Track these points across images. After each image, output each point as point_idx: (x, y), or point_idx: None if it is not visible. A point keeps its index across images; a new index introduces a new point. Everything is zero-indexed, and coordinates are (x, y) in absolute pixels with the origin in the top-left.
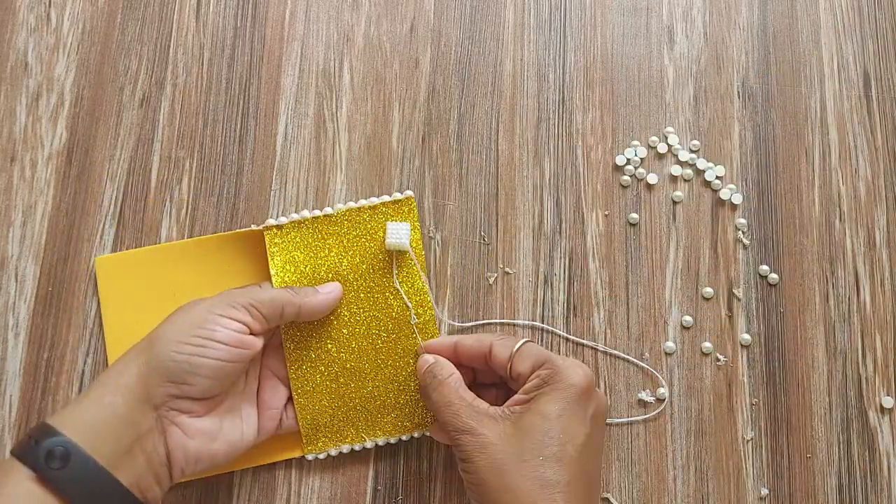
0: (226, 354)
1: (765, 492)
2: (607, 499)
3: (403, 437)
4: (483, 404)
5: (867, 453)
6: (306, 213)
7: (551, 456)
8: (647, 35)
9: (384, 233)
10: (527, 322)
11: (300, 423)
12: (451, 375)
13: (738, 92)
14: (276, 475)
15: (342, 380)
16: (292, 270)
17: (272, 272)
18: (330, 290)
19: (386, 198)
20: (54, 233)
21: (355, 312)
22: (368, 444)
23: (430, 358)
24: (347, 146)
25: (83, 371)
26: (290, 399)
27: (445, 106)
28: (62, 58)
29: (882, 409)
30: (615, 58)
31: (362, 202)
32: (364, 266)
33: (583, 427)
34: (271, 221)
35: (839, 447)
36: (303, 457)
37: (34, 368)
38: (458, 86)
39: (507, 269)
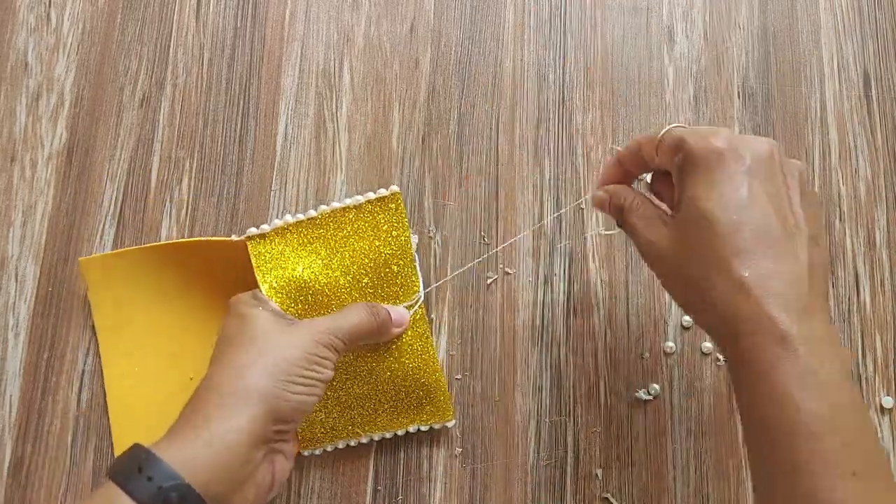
0: (322, 391)
1: None
2: (607, 499)
3: (399, 433)
4: (656, 216)
5: None
6: (289, 218)
7: (720, 233)
8: (647, 35)
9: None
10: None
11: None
12: (633, 202)
13: (738, 92)
14: None
15: (336, 379)
16: (278, 276)
17: (259, 281)
18: (402, 324)
19: (371, 195)
20: (54, 233)
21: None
22: (364, 440)
23: (602, 195)
24: (347, 146)
25: (83, 371)
26: None
27: (445, 106)
28: (62, 58)
29: (882, 409)
30: (615, 58)
31: (347, 201)
32: (354, 268)
33: (734, 189)
34: (252, 231)
35: None
36: (299, 453)
37: (34, 368)
38: (458, 86)
39: (507, 270)
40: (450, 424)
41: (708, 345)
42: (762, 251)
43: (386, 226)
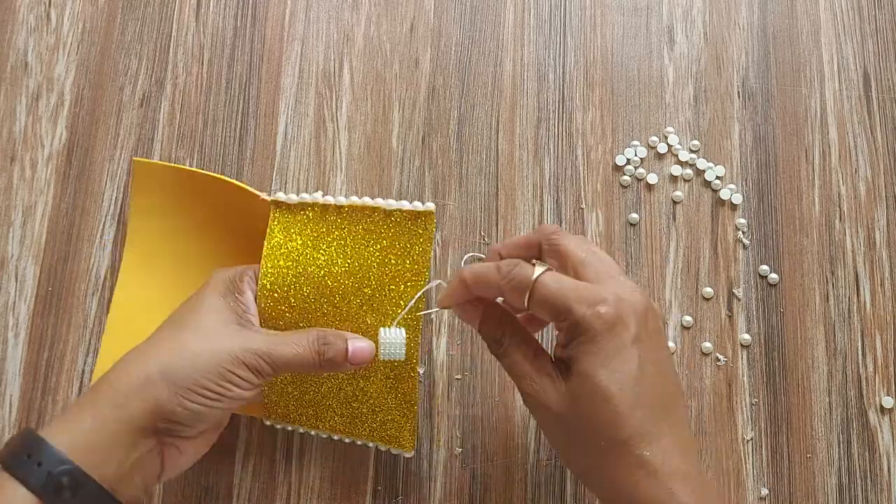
0: (231, 406)
1: (765, 492)
2: None
3: (358, 442)
4: (544, 364)
5: (867, 453)
6: (318, 197)
7: (611, 416)
8: (647, 35)
9: (377, 342)
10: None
11: (265, 400)
12: (514, 337)
13: (738, 92)
14: (276, 475)
15: (313, 376)
16: (285, 256)
17: (265, 252)
18: (361, 362)
19: (405, 204)
20: (54, 233)
21: (338, 314)
22: (323, 435)
23: (475, 314)
24: (347, 146)
25: (83, 371)
26: None
27: (445, 106)
28: (62, 58)
29: (882, 409)
30: (615, 58)
31: (379, 201)
32: (360, 272)
33: (628, 363)
34: (281, 195)
35: (839, 447)
36: (261, 422)
37: (34, 368)
38: (458, 86)
39: None
40: (407, 455)
41: (708, 345)
42: (657, 428)
43: (406, 242)
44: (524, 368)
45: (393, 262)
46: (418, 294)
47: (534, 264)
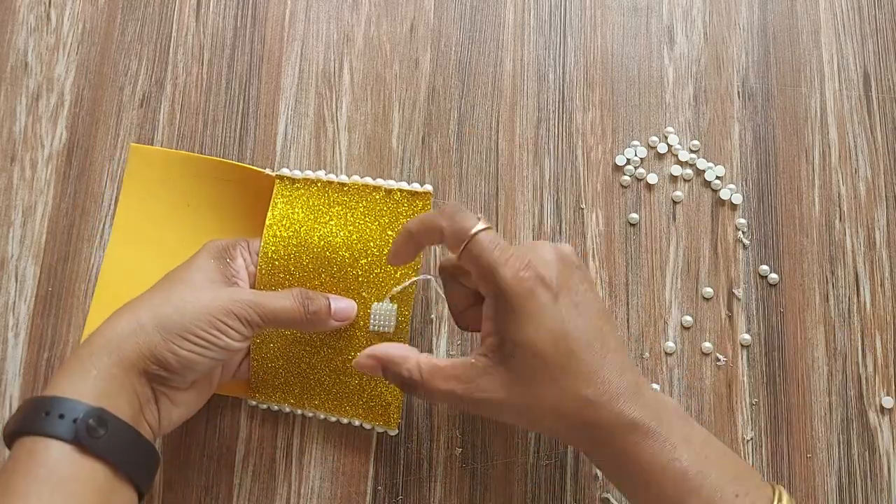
0: (220, 357)
1: None
2: (607, 499)
3: (342, 420)
4: (459, 366)
5: (867, 453)
6: (322, 174)
7: (546, 378)
8: (647, 35)
9: (369, 315)
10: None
11: (252, 374)
12: (417, 372)
13: (738, 92)
14: (276, 475)
15: (302, 346)
16: (287, 226)
17: (268, 221)
18: (344, 318)
19: (405, 185)
20: (54, 233)
21: (335, 284)
22: (308, 413)
23: (372, 363)
24: (347, 146)
25: None
26: (247, 354)
27: (445, 106)
28: (62, 58)
29: (882, 409)
30: (615, 58)
31: (380, 181)
32: (358, 246)
33: (555, 323)
34: (286, 171)
35: (839, 447)
36: (244, 402)
37: (34, 368)
38: (458, 86)
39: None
40: (392, 433)
41: (708, 345)
42: (594, 370)
43: (405, 220)
44: (446, 379)
45: (390, 238)
46: (411, 280)
47: (479, 218)
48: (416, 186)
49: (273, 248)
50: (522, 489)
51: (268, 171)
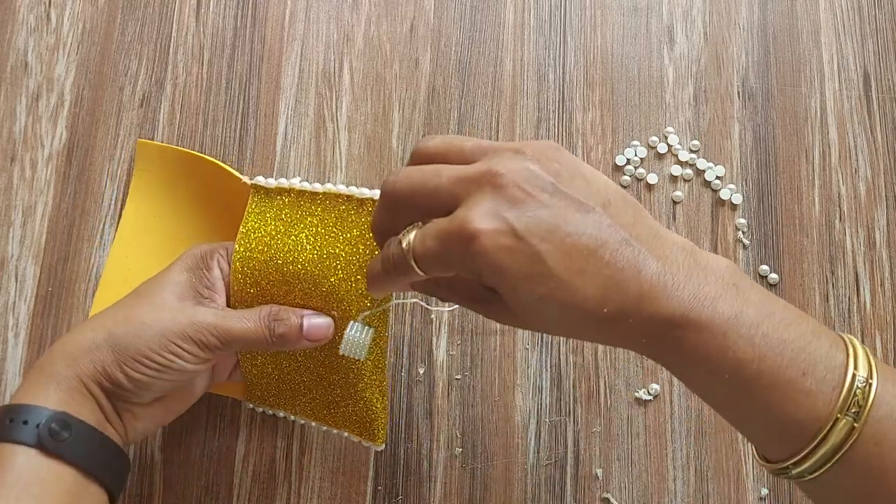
0: (176, 379)
1: (765, 492)
2: (607, 499)
3: (333, 431)
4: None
5: None
6: (295, 182)
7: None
8: (647, 35)
9: (343, 333)
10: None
11: (244, 376)
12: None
13: (738, 92)
14: (276, 475)
15: (291, 356)
16: (258, 239)
17: (239, 235)
18: (317, 339)
19: (378, 192)
20: (54, 233)
21: (306, 301)
22: (301, 421)
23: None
24: (347, 146)
25: None
26: (238, 362)
27: (445, 106)
28: (62, 58)
29: None
30: (615, 58)
31: (353, 189)
32: (328, 261)
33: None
34: (260, 180)
35: None
36: (244, 402)
37: None
38: (458, 86)
39: None
40: (378, 448)
41: None
42: (621, 278)
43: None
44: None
45: (361, 251)
46: (386, 305)
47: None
48: None
49: (242, 263)
50: (522, 489)
51: (245, 178)
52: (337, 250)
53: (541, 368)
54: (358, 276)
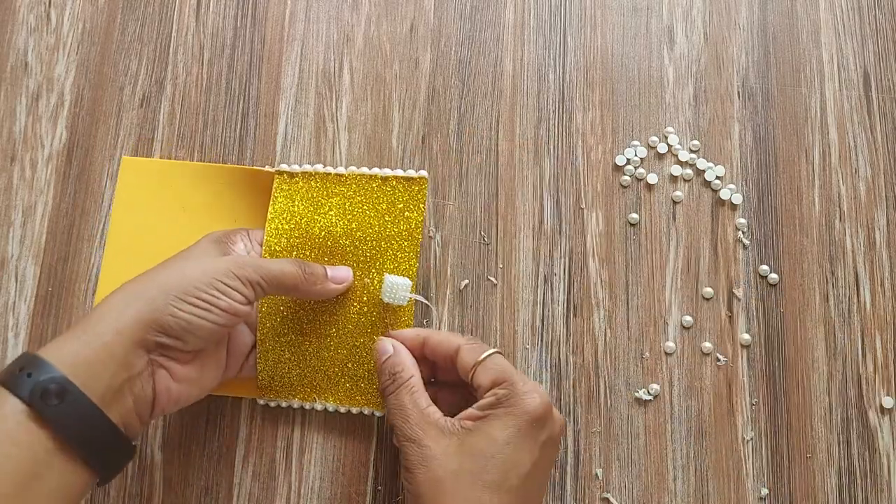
0: (223, 320)
1: (765, 492)
2: (607, 499)
3: (353, 410)
4: (436, 414)
5: (867, 453)
6: (319, 167)
7: (491, 483)
8: (647, 35)
9: (381, 285)
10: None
11: (258, 370)
12: (411, 378)
13: (738, 92)
14: (276, 475)
15: (308, 338)
16: (288, 219)
17: (269, 216)
18: (342, 280)
19: (400, 172)
20: (54, 233)
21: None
22: (318, 406)
23: (389, 348)
24: (347, 146)
25: None
26: (254, 347)
27: (445, 106)
28: (62, 58)
29: (882, 409)
30: (615, 58)
31: (375, 170)
32: (358, 234)
33: (530, 455)
34: (284, 166)
35: (839, 447)
36: (255, 401)
37: None
38: (458, 86)
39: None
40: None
41: (708, 345)
42: None
43: (402, 205)
44: (410, 412)
45: (389, 224)
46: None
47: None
48: (410, 173)
49: (276, 241)
50: None
51: (267, 167)
52: (366, 223)
53: (541, 368)
54: (386, 246)
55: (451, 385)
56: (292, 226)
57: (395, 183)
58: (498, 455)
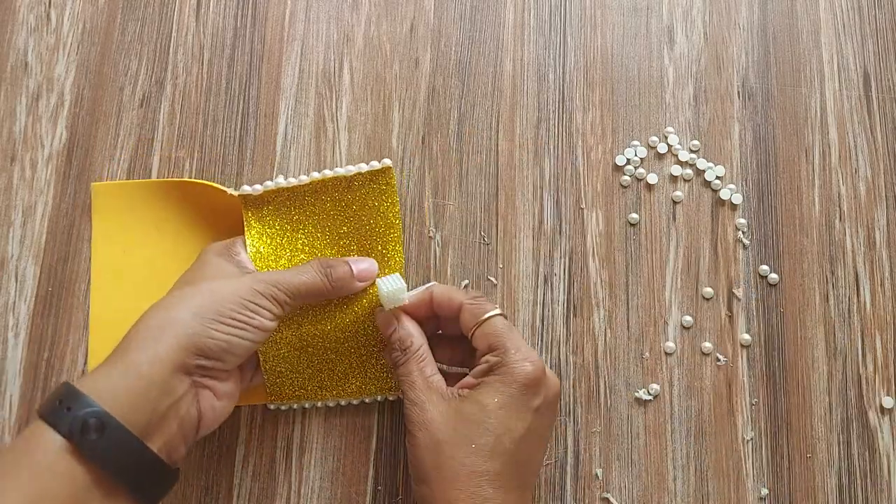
0: (258, 338)
1: (765, 492)
2: (607, 499)
3: (366, 399)
4: (440, 382)
5: (867, 453)
6: (281, 181)
7: (483, 446)
8: (647, 35)
9: (376, 291)
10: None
11: (265, 376)
12: (420, 349)
13: (738, 92)
14: (276, 475)
15: (309, 338)
16: (268, 242)
17: (247, 241)
18: (368, 277)
19: (363, 166)
20: (54, 233)
21: None
22: (331, 403)
23: (393, 320)
24: (347, 146)
25: (83, 371)
26: (256, 362)
27: (445, 106)
28: (62, 58)
29: (882, 409)
30: (615, 58)
31: (338, 170)
32: (342, 242)
33: (522, 421)
34: (246, 189)
35: (839, 447)
36: (266, 406)
37: (34, 368)
38: (458, 86)
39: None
40: None
41: (708, 345)
42: (511, 485)
43: (374, 202)
44: (416, 380)
45: (366, 223)
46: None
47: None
48: (374, 164)
49: (262, 265)
50: None
51: (230, 190)
52: (344, 229)
53: None
54: (369, 245)
55: (454, 339)
56: (273, 248)
57: (360, 182)
58: (489, 421)
